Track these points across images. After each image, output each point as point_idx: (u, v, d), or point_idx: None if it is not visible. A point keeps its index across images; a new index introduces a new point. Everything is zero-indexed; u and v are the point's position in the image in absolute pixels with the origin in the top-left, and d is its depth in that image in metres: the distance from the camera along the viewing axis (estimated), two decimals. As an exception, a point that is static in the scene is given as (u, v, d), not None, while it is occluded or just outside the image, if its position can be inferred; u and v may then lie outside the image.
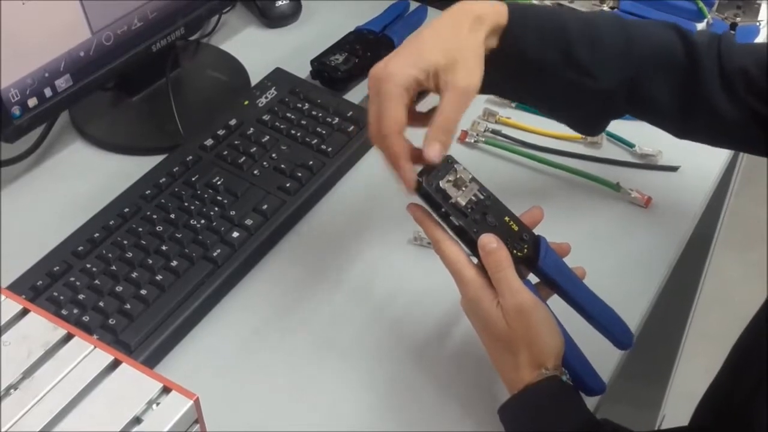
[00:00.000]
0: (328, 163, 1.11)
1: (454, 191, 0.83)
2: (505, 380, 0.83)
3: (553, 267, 0.85)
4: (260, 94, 1.19)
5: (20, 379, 0.62)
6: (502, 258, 0.81)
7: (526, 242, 0.85)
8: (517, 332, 0.80)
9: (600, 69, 0.89)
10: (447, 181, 0.83)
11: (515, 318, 0.80)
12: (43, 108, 1.04)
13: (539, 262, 0.84)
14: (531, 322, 0.80)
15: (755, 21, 1.34)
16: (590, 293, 0.86)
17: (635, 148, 1.15)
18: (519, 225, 0.85)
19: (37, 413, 0.60)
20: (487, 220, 0.83)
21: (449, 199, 0.83)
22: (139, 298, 0.94)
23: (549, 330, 0.81)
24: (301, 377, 0.93)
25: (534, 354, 0.80)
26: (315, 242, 1.06)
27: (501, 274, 0.81)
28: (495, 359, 0.84)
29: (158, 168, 1.09)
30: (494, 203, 0.85)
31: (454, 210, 0.83)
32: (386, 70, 0.83)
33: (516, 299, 0.80)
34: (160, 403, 0.61)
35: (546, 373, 0.80)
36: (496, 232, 0.83)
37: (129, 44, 1.12)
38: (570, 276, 0.86)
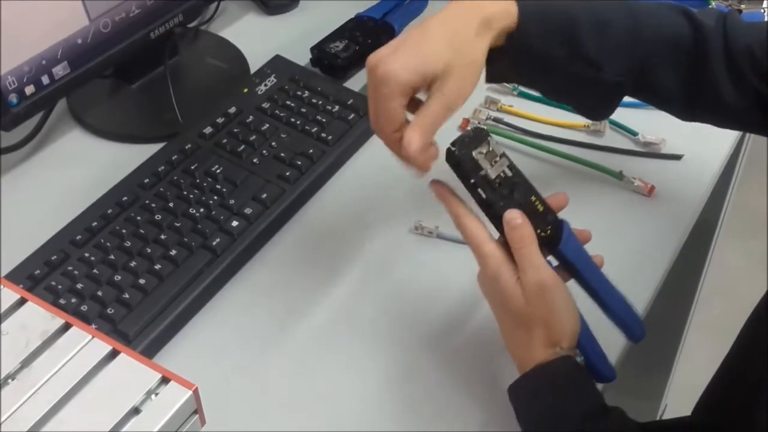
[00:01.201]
0: (328, 151, 1.10)
1: (485, 163, 0.82)
2: (516, 358, 0.83)
3: (574, 252, 0.84)
4: (260, 82, 1.18)
5: (18, 368, 0.62)
6: (527, 234, 0.80)
7: (549, 224, 0.84)
8: (535, 309, 0.79)
9: (607, 60, 0.89)
10: (479, 153, 0.82)
11: (535, 294, 0.79)
12: (41, 96, 1.03)
13: (561, 245, 0.83)
14: (550, 300, 0.79)
15: (760, 8, 1.33)
16: (608, 282, 0.85)
17: (638, 137, 1.14)
18: (544, 206, 0.84)
19: (36, 403, 0.60)
20: (514, 196, 0.82)
21: (480, 170, 0.82)
22: (138, 288, 0.94)
23: (567, 309, 0.81)
24: (302, 366, 0.92)
25: (550, 332, 0.80)
26: (315, 231, 1.05)
27: (525, 249, 0.80)
28: (508, 336, 0.83)
29: (157, 156, 1.08)
30: (522, 181, 0.84)
31: (483, 182, 0.82)
32: (386, 68, 0.81)
33: (538, 275, 0.79)
34: (159, 393, 0.61)
35: (560, 352, 0.79)
36: (521, 210, 0.82)
37: (127, 31, 1.11)
38: (589, 263, 0.85)
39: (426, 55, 0.82)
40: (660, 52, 0.90)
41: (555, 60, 0.88)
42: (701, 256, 1.69)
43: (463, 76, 0.83)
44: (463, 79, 0.83)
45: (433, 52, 0.82)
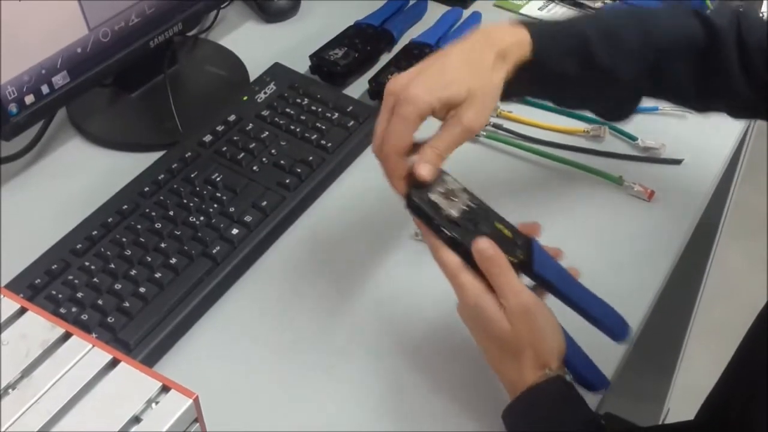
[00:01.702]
0: (327, 158, 1.10)
1: (444, 203, 0.82)
2: (506, 383, 0.83)
3: (548, 269, 0.84)
4: (259, 90, 1.18)
5: (18, 378, 0.61)
6: (499, 261, 0.80)
7: (519, 247, 0.83)
8: (521, 333, 0.79)
9: (621, 67, 0.90)
10: (437, 193, 0.82)
11: (520, 319, 0.79)
12: (41, 105, 1.03)
13: (534, 265, 0.83)
14: (535, 323, 0.79)
15: (758, 12, 1.33)
16: (585, 290, 0.85)
17: (638, 141, 1.14)
18: (512, 230, 0.84)
19: (36, 413, 0.59)
20: (480, 229, 0.82)
21: (440, 210, 0.82)
22: (138, 296, 0.94)
23: (553, 330, 0.81)
24: (302, 374, 0.92)
25: (538, 355, 0.79)
26: (315, 239, 1.05)
27: (502, 277, 0.80)
28: (496, 364, 0.83)
29: (156, 165, 1.09)
30: (485, 211, 0.84)
31: (445, 222, 0.81)
32: (408, 92, 0.82)
33: (520, 299, 0.79)
34: (159, 402, 0.60)
35: (550, 373, 0.79)
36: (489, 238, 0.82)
37: (126, 40, 1.11)
38: (565, 276, 0.85)
39: (449, 82, 0.83)
40: (673, 54, 0.91)
41: (571, 76, 0.90)
42: (703, 259, 1.69)
43: (483, 103, 0.84)
44: (483, 106, 0.84)
45: (456, 78, 0.83)
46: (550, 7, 1.39)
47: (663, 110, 1.19)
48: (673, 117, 1.19)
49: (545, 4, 1.40)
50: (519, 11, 1.39)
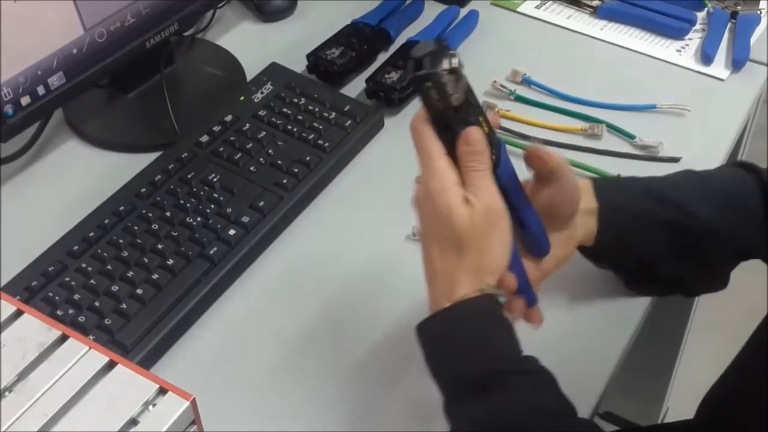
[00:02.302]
0: (325, 158, 1.10)
1: (451, 83, 0.77)
2: (435, 287, 0.79)
3: (508, 176, 0.82)
4: (256, 90, 1.18)
5: (15, 380, 0.61)
6: (484, 155, 0.77)
7: (493, 146, 0.80)
8: (477, 233, 0.76)
9: (692, 205, 0.90)
10: (445, 72, 0.77)
11: (482, 218, 0.76)
12: (37, 106, 1.03)
13: (498, 170, 0.80)
14: (495, 229, 0.76)
15: (756, 9, 1.33)
16: (530, 206, 0.84)
17: (636, 140, 1.14)
18: (489, 127, 0.81)
19: (33, 415, 0.60)
20: (470, 120, 0.78)
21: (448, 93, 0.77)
22: (135, 298, 0.93)
23: (504, 245, 0.78)
24: (300, 376, 0.92)
25: (481, 260, 0.76)
26: (312, 239, 1.05)
27: (482, 171, 0.77)
28: (435, 261, 0.79)
29: (153, 165, 1.08)
30: (474, 99, 0.80)
31: (449, 104, 0.77)
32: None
33: (491, 200, 0.76)
34: (157, 404, 0.60)
35: (486, 289, 0.76)
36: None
37: (122, 41, 1.10)
38: (518, 187, 0.83)
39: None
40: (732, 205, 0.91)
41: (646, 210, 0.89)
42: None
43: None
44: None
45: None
46: (547, 5, 1.39)
47: (661, 108, 1.19)
48: (671, 115, 1.19)
49: (542, 3, 1.39)
50: (516, 10, 1.38)
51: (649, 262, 0.92)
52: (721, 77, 1.25)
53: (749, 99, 1.23)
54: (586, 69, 1.28)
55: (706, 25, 1.32)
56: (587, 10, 1.37)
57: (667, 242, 0.90)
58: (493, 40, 1.33)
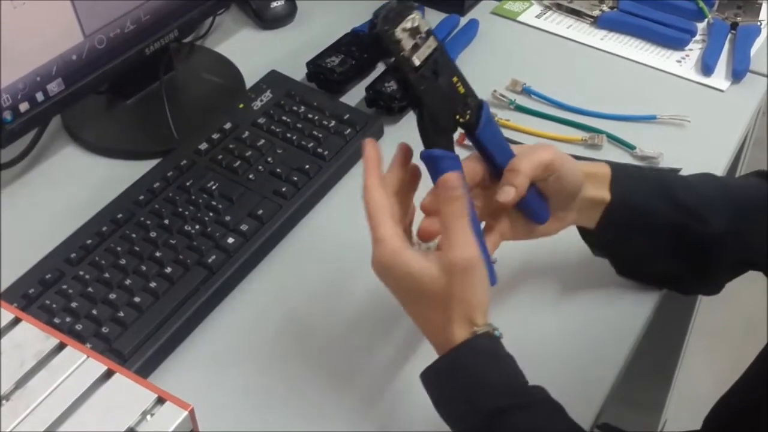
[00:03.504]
0: (324, 166, 1.09)
1: (408, 41, 0.77)
2: (432, 340, 0.80)
3: (489, 137, 0.82)
4: (255, 97, 1.18)
5: (13, 389, 0.61)
6: (461, 202, 0.76)
7: (469, 107, 0.81)
8: (455, 287, 0.75)
9: (706, 211, 0.89)
10: (402, 30, 0.76)
11: (460, 272, 0.75)
12: (35, 112, 1.03)
13: (477, 130, 0.81)
14: (473, 278, 0.76)
15: (756, 21, 1.33)
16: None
17: (636, 150, 1.14)
18: (466, 87, 0.81)
19: (31, 424, 0.59)
20: (439, 81, 0.78)
21: (401, 51, 0.76)
22: (133, 306, 0.93)
23: (483, 284, 0.77)
24: (299, 384, 0.91)
25: (467, 309, 0.76)
26: (311, 247, 1.05)
27: (458, 222, 0.76)
28: (420, 319, 0.80)
29: (152, 173, 1.08)
30: (446, 61, 0.80)
31: (406, 64, 0.77)
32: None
33: (468, 253, 0.75)
34: (155, 414, 0.60)
35: (478, 330, 0.76)
36: (442, 93, 0.79)
37: (122, 47, 1.10)
38: (504, 148, 0.84)
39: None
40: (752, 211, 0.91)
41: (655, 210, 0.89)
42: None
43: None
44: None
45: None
46: (547, 15, 1.39)
47: (661, 119, 1.19)
48: (671, 125, 1.19)
49: (542, 13, 1.39)
50: (516, 19, 1.38)
51: (648, 257, 0.93)
52: (722, 88, 1.25)
53: (749, 110, 1.23)
54: (586, 79, 1.28)
55: (707, 36, 1.32)
56: (587, 20, 1.37)
57: (671, 243, 0.90)
58: (493, 50, 1.33)
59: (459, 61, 1.28)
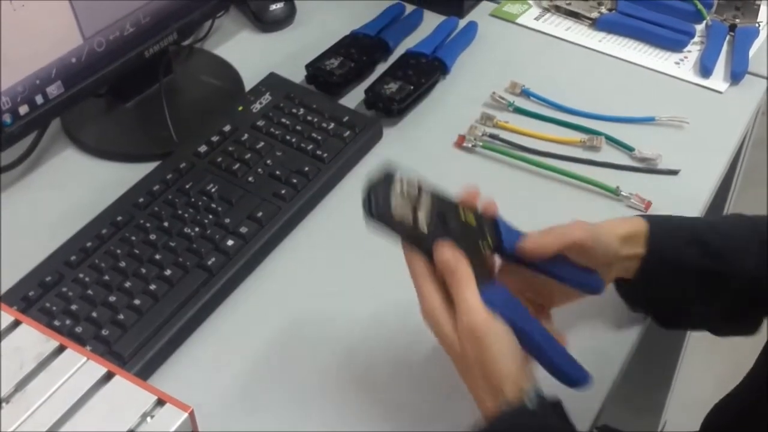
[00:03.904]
0: (323, 169, 1.09)
1: (407, 209, 0.78)
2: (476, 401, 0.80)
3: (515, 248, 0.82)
4: (254, 100, 1.18)
5: (13, 391, 0.61)
6: (457, 273, 0.77)
7: (487, 233, 0.80)
8: (468, 354, 0.76)
9: (736, 254, 0.88)
10: (397, 201, 0.78)
11: (468, 340, 0.76)
12: (35, 115, 1.03)
13: (504, 246, 0.81)
14: (485, 345, 0.75)
15: (754, 22, 1.33)
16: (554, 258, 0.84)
17: (635, 152, 1.14)
18: (476, 217, 0.81)
19: (30, 426, 0.59)
20: (449, 225, 0.79)
21: (407, 225, 0.78)
22: (133, 308, 0.93)
23: (506, 353, 0.76)
24: (299, 387, 0.91)
25: (489, 379, 0.76)
26: (311, 250, 1.05)
27: (459, 290, 0.76)
28: (462, 379, 0.80)
29: (151, 175, 1.08)
30: (449, 204, 0.80)
31: (415, 234, 0.78)
32: None
33: (470, 319, 0.75)
34: (155, 416, 0.60)
35: (504, 401, 0.75)
36: (458, 236, 0.78)
37: (121, 50, 1.10)
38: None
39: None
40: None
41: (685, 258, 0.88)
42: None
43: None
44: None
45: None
46: (546, 17, 1.39)
47: (660, 120, 1.19)
48: (670, 127, 1.19)
49: (541, 15, 1.40)
50: (515, 21, 1.39)
51: (684, 305, 0.92)
52: (720, 90, 1.25)
53: (748, 111, 1.23)
54: (585, 81, 1.28)
55: (705, 38, 1.33)
56: (586, 22, 1.37)
57: (704, 289, 0.89)
58: (492, 52, 1.33)
59: (458, 63, 1.29)
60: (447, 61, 1.26)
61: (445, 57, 1.26)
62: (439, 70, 1.25)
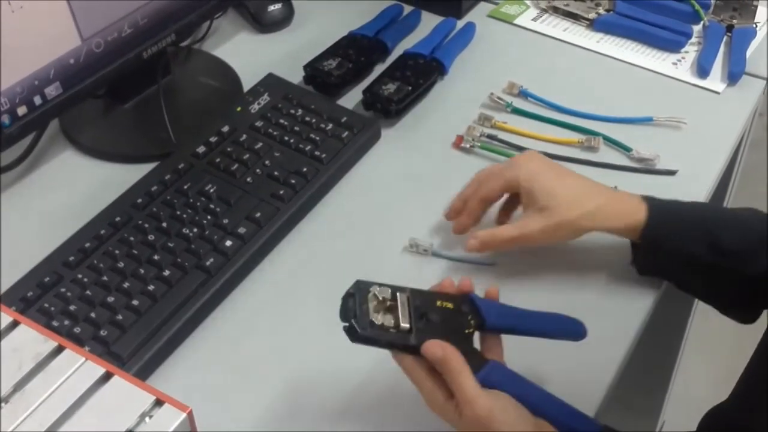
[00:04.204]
0: (322, 169, 1.09)
1: (387, 317, 0.79)
2: None
3: (500, 318, 0.83)
4: (253, 100, 1.18)
5: (11, 392, 0.61)
6: (451, 365, 0.77)
7: (467, 312, 0.81)
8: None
9: (749, 254, 0.88)
10: (376, 313, 0.79)
11: (474, 427, 0.76)
12: (33, 116, 1.03)
13: (486, 323, 0.81)
14: (490, 428, 0.76)
15: (751, 23, 1.33)
16: (536, 315, 0.85)
17: (632, 152, 1.14)
18: (451, 300, 0.82)
19: (29, 426, 0.59)
20: (431, 319, 0.79)
21: (390, 332, 0.78)
22: (131, 309, 0.93)
23: (510, 425, 0.77)
24: (297, 387, 0.91)
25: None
26: (309, 250, 1.05)
27: (455, 383, 0.77)
28: None
29: (150, 176, 1.08)
30: (424, 298, 0.81)
31: (396, 336, 0.78)
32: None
33: (473, 410, 0.76)
34: (153, 416, 0.60)
35: None
36: (441, 326, 0.79)
37: (119, 51, 1.10)
38: (514, 313, 0.84)
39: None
40: None
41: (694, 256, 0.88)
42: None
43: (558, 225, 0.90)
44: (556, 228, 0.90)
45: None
46: (543, 18, 1.39)
47: (657, 121, 1.19)
48: (667, 128, 1.19)
49: (539, 16, 1.40)
50: (513, 22, 1.39)
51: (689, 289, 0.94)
52: (717, 90, 1.25)
53: (745, 112, 1.23)
54: (583, 81, 1.28)
55: (702, 39, 1.33)
56: (584, 23, 1.37)
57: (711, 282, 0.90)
58: (490, 52, 1.33)
59: (456, 64, 1.29)
60: (445, 61, 1.26)
61: (443, 58, 1.26)
62: (437, 70, 1.25)
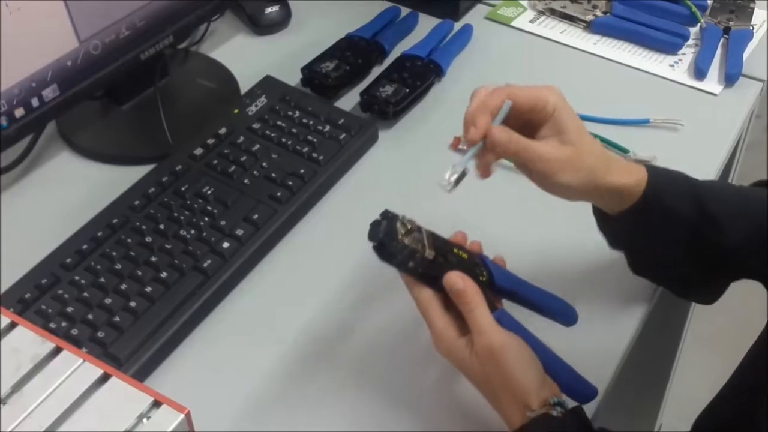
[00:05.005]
0: (319, 171, 1.10)
1: (413, 242, 0.81)
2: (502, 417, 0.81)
3: (506, 281, 0.85)
4: (250, 102, 1.18)
5: (9, 393, 0.61)
6: (469, 296, 0.79)
7: (478, 266, 0.84)
8: (490, 374, 0.78)
9: (728, 225, 0.88)
10: (404, 236, 0.81)
11: (487, 360, 0.78)
12: (31, 118, 1.03)
13: (495, 281, 0.84)
14: (502, 362, 0.77)
15: (748, 25, 1.34)
16: (536, 289, 0.87)
17: (630, 154, 1.14)
18: (466, 252, 0.84)
19: (27, 428, 0.59)
20: (449, 259, 0.82)
21: (415, 253, 0.80)
22: (129, 311, 0.93)
23: (523, 367, 0.78)
24: (294, 389, 0.92)
25: (513, 394, 0.77)
26: (306, 252, 1.05)
27: (472, 314, 0.79)
28: (485, 398, 0.82)
29: (147, 178, 1.08)
30: (443, 241, 0.84)
31: (422, 262, 0.81)
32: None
33: (487, 340, 0.78)
34: (151, 417, 0.60)
35: (531, 414, 0.76)
36: (458, 268, 0.81)
37: (117, 53, 1.10)
38: (518, 280, 0.86)
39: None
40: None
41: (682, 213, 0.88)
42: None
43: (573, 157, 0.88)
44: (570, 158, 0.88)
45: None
46: (540, 20, 1.39)
47: (654, 123, 1.19)
48: (664, 129, 1.19)
49: (536, 18, 1.40)
50: (510, 24, 1.39)
51: (665, 258, 0.92)
52: (714, 92, 1.26)
53: (742, 113, 1.23)
54: (580, 83, 1.28)
55: (699, 41, 1.33)
56: (581, 25, 1.38)
57: (690, 247, 0.90)
58: (487, 55, 1.33)
59: (453, 66, 1.29)
60: (442, 63, 1.26)
61: (440, 60, 1.26)
62: (435, 72, 1.25)
